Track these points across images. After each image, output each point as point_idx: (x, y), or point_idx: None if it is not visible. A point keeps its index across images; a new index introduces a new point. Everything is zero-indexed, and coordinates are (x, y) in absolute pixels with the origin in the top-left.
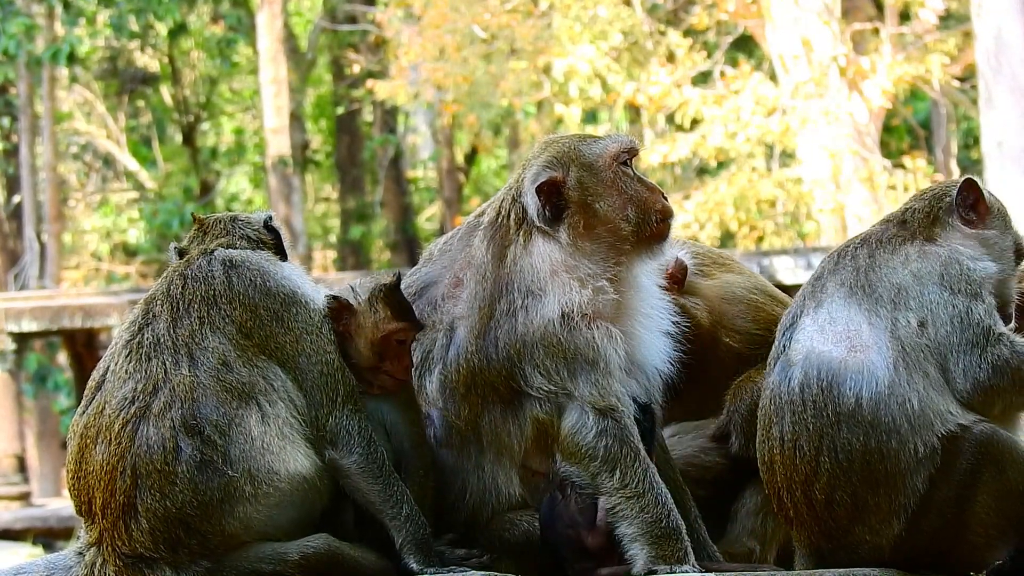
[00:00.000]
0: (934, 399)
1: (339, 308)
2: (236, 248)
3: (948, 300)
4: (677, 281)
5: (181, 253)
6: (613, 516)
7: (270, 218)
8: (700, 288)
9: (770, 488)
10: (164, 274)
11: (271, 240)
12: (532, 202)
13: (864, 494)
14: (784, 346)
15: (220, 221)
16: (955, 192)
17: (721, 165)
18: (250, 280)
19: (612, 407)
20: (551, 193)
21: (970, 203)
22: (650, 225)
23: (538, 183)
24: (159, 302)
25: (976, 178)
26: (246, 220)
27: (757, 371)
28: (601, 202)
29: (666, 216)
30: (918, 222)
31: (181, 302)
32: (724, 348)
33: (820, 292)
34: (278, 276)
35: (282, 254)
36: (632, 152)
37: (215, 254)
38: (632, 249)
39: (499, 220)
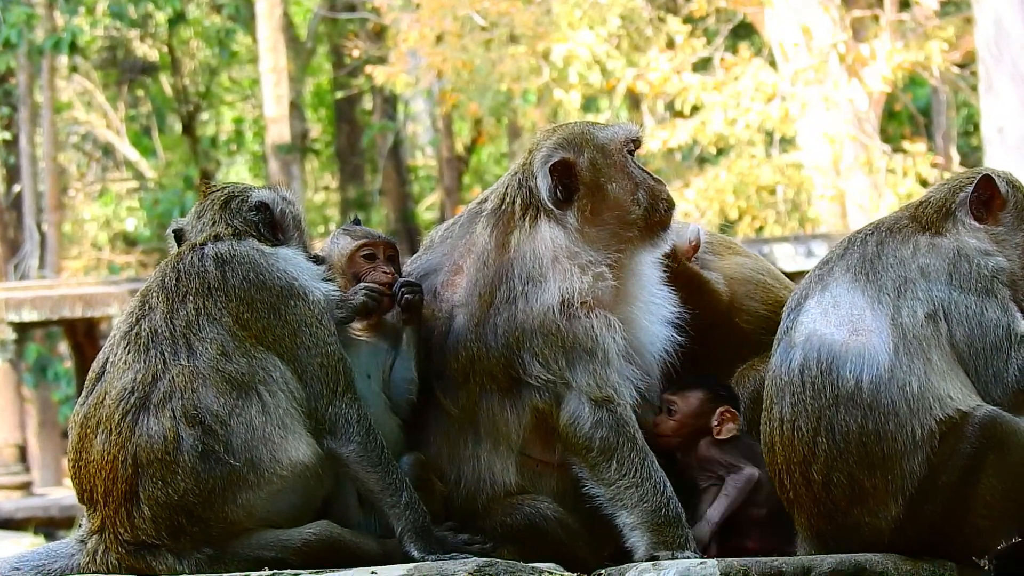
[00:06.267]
0: (935, 384)
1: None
2: (224, 240)
3: (959, 299)
4: (695, 249)
5: (178, 237)
6: (613, 505)
7: (263, 203)
8: (715, 266)
9: (771, 469)
10: (157, 267)
11: (264, 223)
12: (544, 182)
13: (860, 476)
14: (788, 328)
15: (213, 205)
16: (970, 188)
17: (721, 152)
18: (243, 275)
19: (608, 398)
20: (563, 173)
21: (984, 199)
22: (658, 211)
23: (551, 163)
24: (155, 294)
25: (995, 173)
26: (237, 207)
27: (761, 359)
28: (613, 184)
29: (671, 206)
30: (930, 214)
31: (176, 294)
32: (735, 329)
33: (827, 276)
34: (273, 269)
35: (279, 235)
36: (637, 142)
37: (205, 250)
38: (637, 236)
39: (503, 206)
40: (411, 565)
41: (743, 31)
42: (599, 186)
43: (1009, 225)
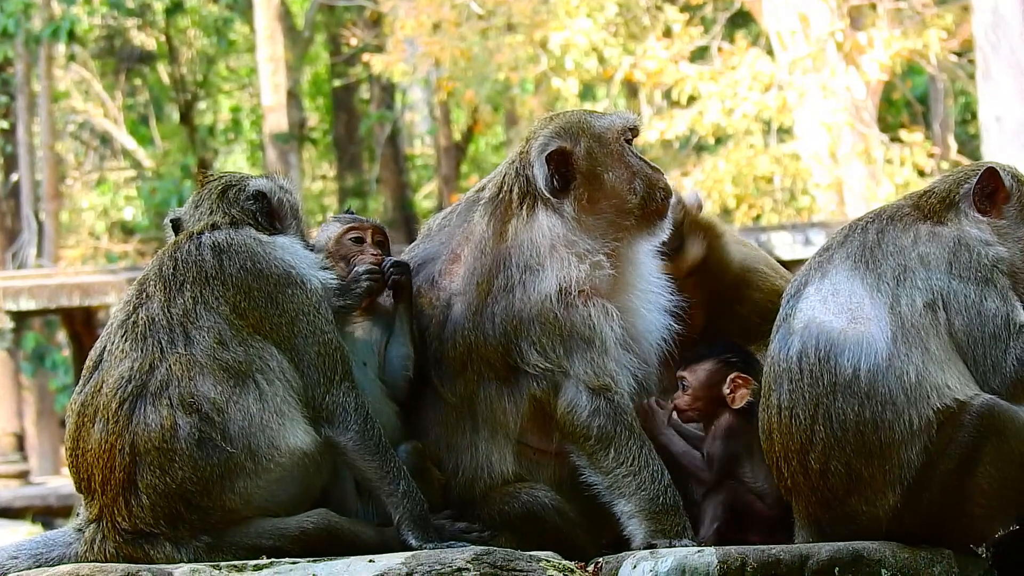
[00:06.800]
0: (933, 373)
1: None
2: (221, 229)
3: (958, 288)
4: (699, 209)
5: (176, 227)
6: (611, 493)
7: (260, 192)
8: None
9: (769, 457)
10: (155, 256)
11: (262, 211)
12: (540, 171)
13: (858, 464)
14: (787, 315)
15: (211, 194)
16: (975, 180)
17: (719, 142)
18: (240, 264)
19: (606, 386)
20: (560, 163)
21: (988, 192)
22: (655, 200)
23: (548, 152)
24: (152, 283)
25: (1000, 166)
26: (234, 196)
27: (758, 348)
28: (609, 173)
29: (668, 194)
30: (933, 204)
31: (173, 282)
32: (735, 313)
33: (827, 263)
34: (270, 257)
35: (276, 224)
36: (635, 131)
37: (202, 239)
38: (633, 225)
39: (501, 194)
40: (409, 553)
41: (740, 20)
42: (596, 175)
43: (1012, 218)
